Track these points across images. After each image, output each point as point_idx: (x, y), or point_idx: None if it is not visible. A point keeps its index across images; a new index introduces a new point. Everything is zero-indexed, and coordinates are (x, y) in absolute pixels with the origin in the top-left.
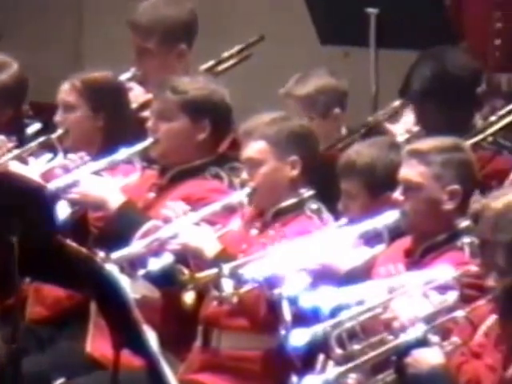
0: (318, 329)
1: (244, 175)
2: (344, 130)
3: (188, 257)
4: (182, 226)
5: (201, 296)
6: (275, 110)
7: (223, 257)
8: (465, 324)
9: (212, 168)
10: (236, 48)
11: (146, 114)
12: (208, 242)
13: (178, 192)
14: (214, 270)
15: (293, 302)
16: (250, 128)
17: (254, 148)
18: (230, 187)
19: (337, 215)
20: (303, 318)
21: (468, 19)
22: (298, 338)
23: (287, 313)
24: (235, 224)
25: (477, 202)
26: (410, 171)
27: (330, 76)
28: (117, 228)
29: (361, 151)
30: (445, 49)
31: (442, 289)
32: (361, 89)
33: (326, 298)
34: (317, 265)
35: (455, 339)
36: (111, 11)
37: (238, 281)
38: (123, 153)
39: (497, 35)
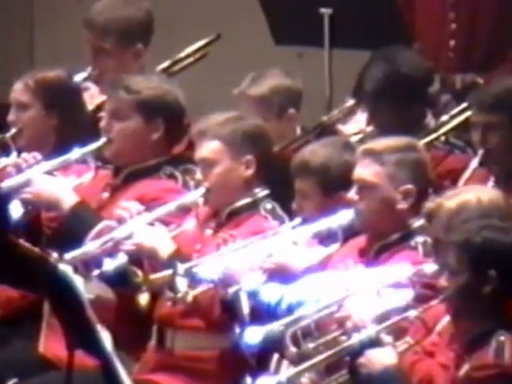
0: (272, 327)
1: (198, 175)
2: (299, 130)
3: (142, 257)
4: (137, 226)
5: (155, 296)
6: (229, 110)
7: (177, 257)
8: (419, 323)
9: (166, 168)
10: (192, 47)
11: (102, 114)
12: (162, 242)
13: (132, 192)
14: (169, 271)
15: (252, 296)
16: (204, 128)
17: (208, 148)
18: (184, 187)
19: (291, 215)
20: (260, 316)
21: (422, 20)
22: (252, 335)
23: (245, 308)
24: (190, 224)
25: (431, 201)
26: (365, 171)
27: (284, 76)
28: (69, 228)
29: (315, 151)
30: (396, 49)
31: (397, 288)
32: (315, 89)
33: (284, 292)
34: (272, 264)
35: (408, 339)
36: (63, 11)
37: (193, 281)
38: (76, 152)
39: (451, 36)
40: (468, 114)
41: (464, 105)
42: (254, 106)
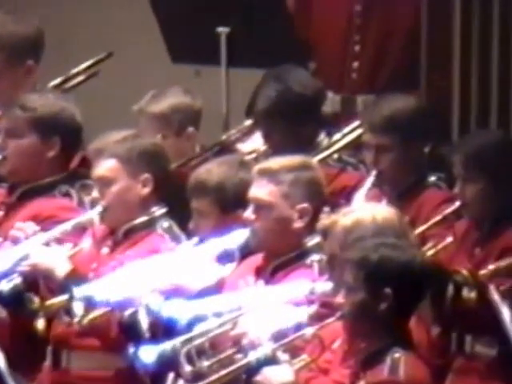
0: (165, 345)
1: (95, 193)
2: (198, 149)
3: (38, 277)
4: (32, 246)
5: (51, 318)
6: (127, 127)
7: (73, 277)
8: (315, 341)
9: (62, 186)
10: (83, 65)
11: None
12: (58, 263)
13: (27, 210)
14: (65, 296)
15: (151, 314)
16: (101, 146)
17: (105, 166)
18: (79, 205)
19: (189, 234)
20: (160, 334)
21: (323, 40)
22: (147, 354)
23: (145, 326)
24: (86, 243)
25: (325, 218)
26: (260, 190)
27: (184, 94)
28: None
29: (210, 170)
30: (288, 68)
31: (293, 305)
32: (212, 107)
33: (184, 309)
34: (168, 285)
35: (304, 356)
36: None
37: (89, 304)
38: None
39: (355, 58)
40: (359, 131)
41: (356, 123)
42: (153, 123)
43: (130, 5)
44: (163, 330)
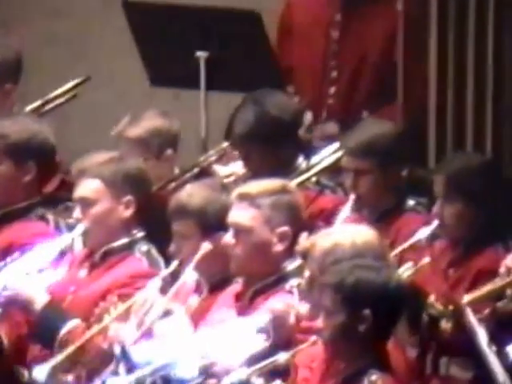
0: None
1: (76, 214)
2: (176, 171)
3: (16, 308)
4: (11, 276)
5: None
6: (105, 150)
7: (50, 309)
8: (290, 366)
9: (38, 209)
10: (62, 88)
11: None
12: (37, 294)
13: (3, 236)
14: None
15: (123, 357)
16: (85, 167)
17: (88, 187)
18: (56, 229)
19: (168, 257)
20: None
21: (301, 66)
22: None
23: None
24: (64, 268)
25: (305, 240)
26: (240, 215)
27: (162, 117)
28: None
29: (192, 193)
30: (266, 92)
31: (267, 332)
32: (191, 130)
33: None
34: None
35: (278, 382)
36: None
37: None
38: None
39: (331, 83)
40: (337, 155)
41: (334, 147)
42: (132, 146)
43: (109, 28)
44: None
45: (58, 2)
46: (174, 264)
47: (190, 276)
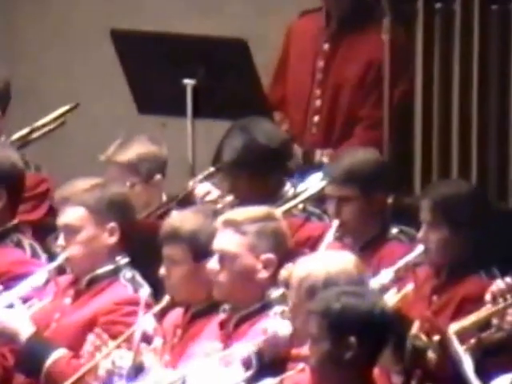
0: None
1: (61, 241)
2: (164, 197)
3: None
4: None
5: None
6: (91, 177)
7: (36, 339)
8: None
9: (13, 235)
10: (51, 115)
11: None
12: (22, 326)
13: None
14: None
15: None
16: (68, 194)
17: (72, 214)
18: (33, 256)
19: (153, 283)
20: None
21: (292, 97)
22: None
23: None
24: (48, 296)
25: (285, 268)
26: (225, 241)
27: (151, 143)
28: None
29: (185, 218)
30: (254, 119)
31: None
32: (178, 158)
33: None
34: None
35: None
36: None
37: None
38: None
39: (315, 112)
40: (323, 183)
41: (319, 175)
42: (121, 171)
43: (97, 56)
44: None
45: (46, 32)
46: (166, 299)
47: (149, 324)
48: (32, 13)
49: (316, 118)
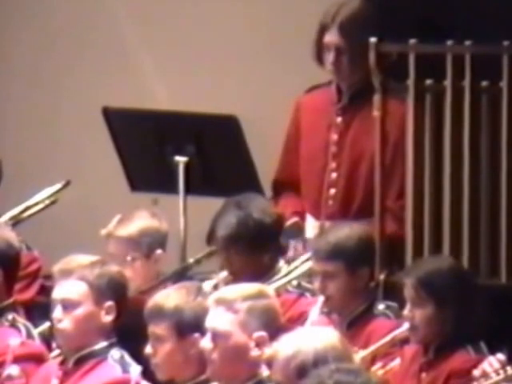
0: None
1: (56, 314)
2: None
3: None
4: None
5: None
6: (82, 253)
7: None
8: None
9: (8, 314)
10: (42, 195)
11: None
12: None
13: None
14: None
15: None
16: (68, 268)
17: (72, 289)
18: (28, 337)
19: (141, 361)
20: None
21: (307, 171)
22: None
23: None
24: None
25: (270, 347)
26: (217, 319)
27: (151, 218)
28: None
29: (168, 295)
30: (249, 196)
31: None
32: (170, 235)
33: None
34: None
35: None
36: None
37: None
38: None
39: (331, 185)
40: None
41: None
42: (122, 246)
43: (89, 134)
44: None
45: (36, 115)
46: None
47: None
48: (22, 91)
49: (332, 191)
